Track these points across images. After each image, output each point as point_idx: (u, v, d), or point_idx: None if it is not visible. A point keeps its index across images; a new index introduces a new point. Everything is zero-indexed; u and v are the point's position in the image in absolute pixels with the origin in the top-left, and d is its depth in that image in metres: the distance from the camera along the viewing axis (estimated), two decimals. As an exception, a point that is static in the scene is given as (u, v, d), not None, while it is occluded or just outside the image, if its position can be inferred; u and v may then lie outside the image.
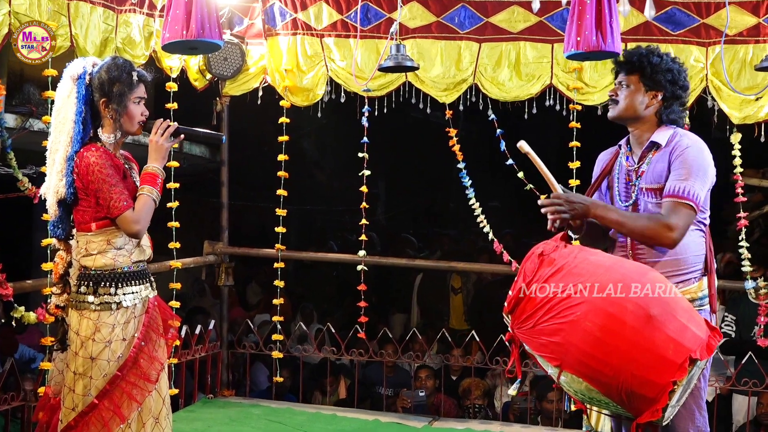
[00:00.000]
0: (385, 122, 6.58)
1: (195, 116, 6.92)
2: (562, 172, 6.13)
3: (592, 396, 3.30)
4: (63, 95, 3.78)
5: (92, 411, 3.70)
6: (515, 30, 6.16)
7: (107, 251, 3.76)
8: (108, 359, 3.71)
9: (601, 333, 3.19)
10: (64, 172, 3.71)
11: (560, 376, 3.29)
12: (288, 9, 6.52)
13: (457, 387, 7.54)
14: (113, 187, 3.68)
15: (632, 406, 3.23)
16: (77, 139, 3.71)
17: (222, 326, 7.15)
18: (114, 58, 3.87)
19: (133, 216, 3.69)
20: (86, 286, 3.75)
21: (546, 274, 3.37)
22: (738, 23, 5.77)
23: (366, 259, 6.67)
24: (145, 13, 5.73)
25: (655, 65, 3.74)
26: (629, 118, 3.83)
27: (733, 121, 5.87)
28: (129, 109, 3.79)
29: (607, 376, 3.19)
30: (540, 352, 3.33)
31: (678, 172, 3.61)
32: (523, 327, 3.36)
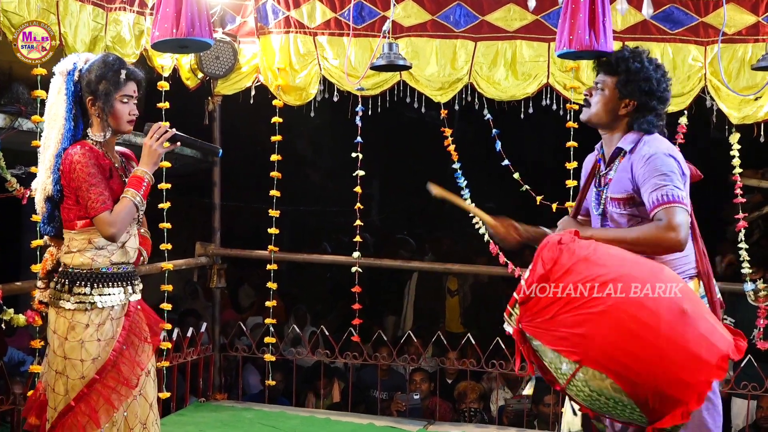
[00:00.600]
0: (380, 122, 6.51)
1: (187, 116, 6.83)
2: (559, 172, 6.10)
3: (610, 396, 3.08)
4: (54, 91, 3.75)
5: (69, 413, 3.65)
6: (511, 28, 6.09)
7: (87, 250, 3.72)
8: (82, 359, 3.66)
9: (635, 325, 3.02)
10: (52, 168, 3.68)
11: (577, 373, 3.08)
12: (280, 7, 6.45)
13: (453, 390, 7.48)
14: (92, 187, 3.63)
15: (655, 408, 3.05)
16: (67, 136, 3.68)
17: (214, 329, 7.08)
18: (105, 55, 3.82)
19: (110, 218, 3.63)
20: (62, 284, 3.73)
21: (567, 263, 3.18)
22: (737, 22, 5.72)
23: (361, 260, 6.60)
24: (135, 11, 5.66)
25: (633, 72, 3.63)
26: (599, 124, 3.74)
27: (732, 121, 5.82)
28: (115, 108, 3.73)
29: (637, 373, 3.01)
30: (557, 345, 3.11)
31: (652, 182, 3.46)
32: (538, 319, 3.16)
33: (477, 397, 7.18)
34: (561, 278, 3.15)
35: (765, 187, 8.24)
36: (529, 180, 6.19)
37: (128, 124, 3.78)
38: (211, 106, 6.83)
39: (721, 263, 8.22)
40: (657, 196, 3.42)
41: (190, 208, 9.16)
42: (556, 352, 3.12)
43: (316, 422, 6.41)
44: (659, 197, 3.42)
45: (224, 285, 7.18)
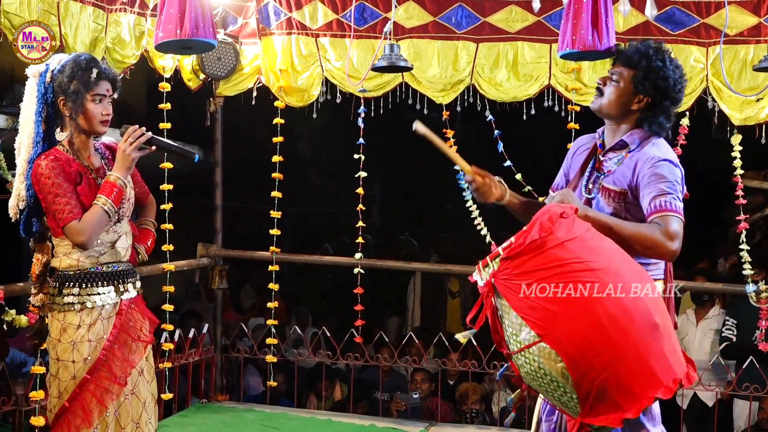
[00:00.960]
0: (381, 123, 6.50)
1: (188, 117, 6.85)
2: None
3: (554, 378, 3.02)
4: (27, 93, 3.71)
5: (64, 414, 3.65)
6: (513, 30, 6.09)
7: (72, 253, 3.70)
8: (74, 360, 3.65)
9: (608, 322, 2.96)
10: (24, 174, 3.66)
11: (533, 346, 3.01)
12: (282, 8, 6.45)
13: (454, 391, 7.48)
14: (58, 197, 3.59)
15: (593, 405, 3.01)
16: (37, 140, 3.65)
17: (216, 330, 7.08)
18: (77, 55, 3.75)
19: (78, 227, 3.59)
20: (53, 287, 3.72)
21: (562, 237, 3.08)
22: (738, 23, 5.72)
23: (363, 261, 6.60)
24: (136, 12, 5.65)
25: (653, 69, 3.54)
26: (608, 115, 3.65)
27: (734, 123, 5.81)
28: (86, 108, 3.67)
29: (591, 367, 2.96)
30: (525, 313, 3.02)
31: (657, 187, 3.40)
32: (515, 280, 3.06)
33: (478, 399, 7.17)
34: (552, 249, 3.06)
35: (766, 188, 8.23)
36: (531, 181, 6.19)
37: (101, 124, 3.72)
38: (213, 108, 6.83)
39: (725, 264, 8.21)
40: (660, 202, 3.36)
41: (191, 209, 9.15)
42: (521, 318, 3.05)
43: (317, 423, 6.40)
44: (662, 203, 3.36)
45: (226, 286, 7.18)
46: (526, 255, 3.07)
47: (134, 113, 8.27)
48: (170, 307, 6.19)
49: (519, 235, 3.11)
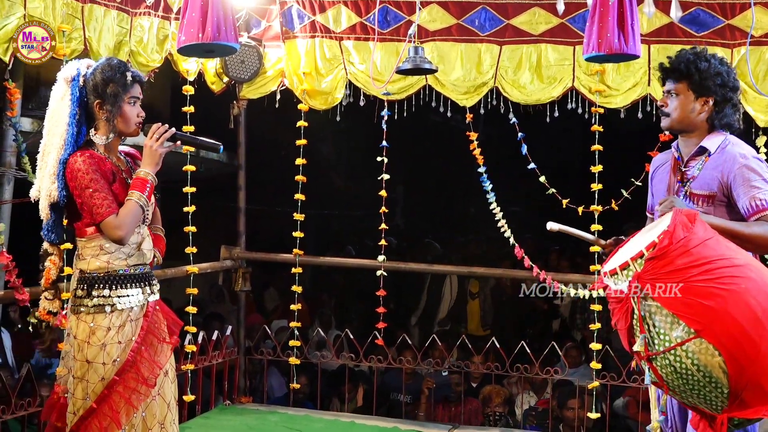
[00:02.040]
0: (405, 126, 6.50)
1: (212, 120, 6.87)
2: (585, 176, 6.07)
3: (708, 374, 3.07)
4: (57, 97, 3.75)
5: (91, 416, 3.66)
6: (536, 32, 6.08)
7: (101, 255, 3.73)
8: (104, 362, 3.68)
9: (761, 313, 3.06)
10: (56, 175, 3.67)
11: (689, 342, 3.07)
12: (306, 11, 6.46)
13: (477, 394, 7.46)
14: (96, 193, 3.64)
15: (744, 397, 3.09)
16: (71, 141, 3.68)
17: (239, 332, 7.10)
18: (108, 59, 3.82)
19: (116, 222, 3.65)
20: (81, 289, 3.73)
21: (702, 236, 3.19)
22: (764, 24, 5.68)
23: (386, 264, 6.60)
24: (160, 15, 5.68)
25: (703, 71, 3.72)
26: (681, 128, 3.82)
27: (759, 124, 5.78)
28: (123, 110, 3.75)
29: (749, 359, 3.03)
30: (678, 310, 3.09)
31: (750, 185, 3.61)
32: (666, 279, 3.12)
33: (502, 401, 7.16)
34: (696, 248, 3.15)
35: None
36: (555, 183, 6.17)
37: (136, 126, 3.80)
38: (236, 110, 6.85)
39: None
40: (759, 202, 3.59)
41: (215, 212, 9.19)
42: (676, 316, 3.10)
43: (340, 426, 6.41)
44: (762, 202, 3.58)
45: (249, 288, 7.20)
46: (673, 254, 3.14)
47: (158, 116, 8.28)
48: (194, 309, 6.22)
49: (662, 235, 3.17)
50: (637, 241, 3.39)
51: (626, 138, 7.00)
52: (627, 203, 5.91)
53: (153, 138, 3.78)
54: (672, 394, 3.28)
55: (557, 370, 6.41)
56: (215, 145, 4.01)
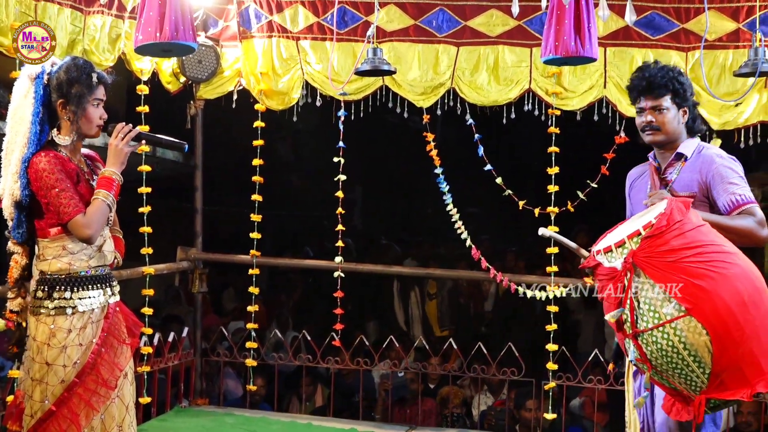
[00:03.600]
0: (362, 127, 6.50)
1: (168, 120, 6.81)
2: (542, 177, 6.10)
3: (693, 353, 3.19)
4: (20, 94, 3.72)
5: (49, 418, 3.63)
6: (493, 34, 6.10)
7: (63, 256, 3.72)
8: (64, 365, 3.66)
9: (748, 299, 3.21)
10: (19, 173, 3.64)
11: (679, 320, 3.19)
12: (263, 11, 6.43)
13: (435, 395, 7.47)
14: (62, 192, 3.63)
15: (723, 379, 3.22)
16: (33, 140, 3.66)
17: (196, 333, 7.05)
18: (74, 59, 3.81)
19: (84, 220, 3.64)
20: (42, 290, 3.71)
21: (696, 222, 3.38)
22: (718, 28, 5.75)
23: (343, 265, 6.59)
24: (113, 14, 5.62)
25: (684, 84, 4.04)
26: (671, 140, 4.06)
27: (713, 127, 5.83)
28: (87, 112, 3.75)
29: (733, 342, 3.17)
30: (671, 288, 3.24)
31: (728, 183, 3.88)
32: (659, 258, 3.26)
33: (460, 402, 7.18)
34: (690, 231, 3.31)
35: (745, 192, 8.28)
36: (512, 185, 6.19)
37: (97, 128, 3.79)
38: (193, 111, 6.80)
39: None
40: (738, 197, 3.85)
41: (171, 213, 9.13)
42: (667, 293, 3.22)
43: (297, 427, 6.38)
44: (741, 198, 3.85)
45: (206, 289, 7.15)
46: (669, 234, 3.30)
47: (114, 115, 8.19)
48: (149, 310, 6.16)
49: (660, 216, 3.33)
50: (629, 225, 3.53)
51: (583, 140, 7.06)
52: (582, 205, 5.94)
53: (118, 137, 3.78)
54: (653, 373, 3.37)
55: (513, 370, 6.44)
56: (180, 144, 4.05)
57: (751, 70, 4.49)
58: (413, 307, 9.87)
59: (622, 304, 3.31)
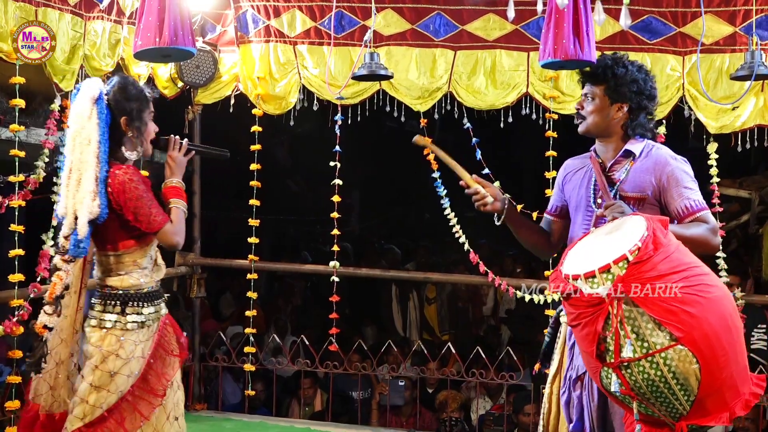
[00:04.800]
0: (360, 131, 6.50)
1: (166, 125, 6.79)
2: (540, 181, 6.11)
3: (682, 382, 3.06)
4: (84, 116, 3.75)
5: (99, 423, 3.72)
6: (491, 38, 6.11)
7: (133, 271, 3.81)
8: (128, 375, 3.75)
9: (731, 322, 3.12)
10: (97, 192, 3.68)
11: (670, 349, 3.04)
12: (261, 16, 6.44)
13: (434, 400, 7.47)
14: (150, 202, 3.73)
15: (706, 405, 3.11)
16: (104, 159, 3.72)
17: (194, 339, 7.05)
18: (124, 77, 3.91)
19: (173, 228, 3.77)
20: (112, 306, 3.78)
21: (675, 242, 3.22)
22: (714, 32, 5.76)
23: (339, 270, 6.59)
24: (112, 20, 5.63)
25: (619, 77, 3.76)
26: (597, 132, 3.84)
27: (710, 131, 5.85)
28: (148, 126, 3.88)
29: (719, 367, 3.06)
30: (662, 316, 3.05)
31: (679, 191, 3.66)
32: (651, 283, 3.07)
33: (458, 407, 7.17)
34: (674, 254, 3.16)
35: (742, 196, 8.29)
36: (510, 189, 6.18)
37: (152, 140, 3.94)
38: (191, 115, 6.81)
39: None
40: (691, 203, 3.63)
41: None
42: (658, 322, 3.07)
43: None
44: (694, 204, 3.64)
45: (204, 294, 7.16)
46: (655, 259, 3.12)
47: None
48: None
49: (646, 240, 3.13)
50: (600, 244, 3.34)
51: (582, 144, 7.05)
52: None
53: (176, 149, 3.95)
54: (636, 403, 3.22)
55: (512, 375, 6.44)
56: (223, 153, 4.21)
57: (747, 73, 4.52)
58: (411, 311, 9.88)
59: (608, 333, 3.13)
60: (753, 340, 6.81)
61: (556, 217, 4.15)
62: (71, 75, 5.30)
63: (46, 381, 3.86)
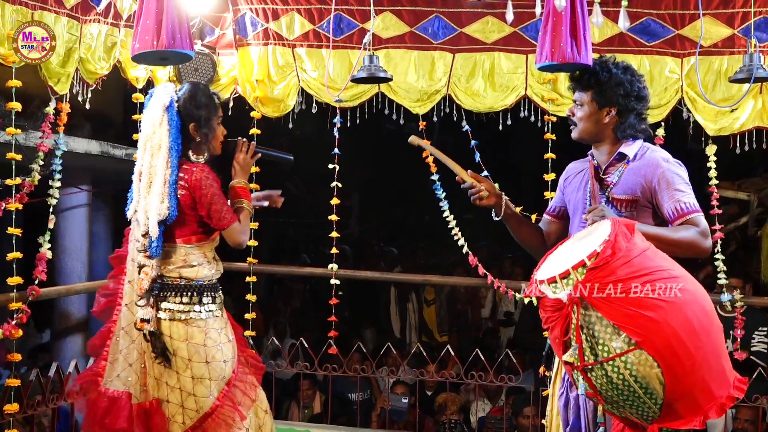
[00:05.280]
0: (359, 134, 6.50)
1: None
2: (539, 184, 6.11)
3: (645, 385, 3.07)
4: (155, 122, 4.00)
5: (215, 412, 3.96)
6: (489, 40, 6.10)
7: (204, 263, 4.07)
8: (224, 360, 4.01)
9: (697, 324, 3.08)
10: (166, 194, 3.92)
11: (629, 354, 3.05)
12: (259, 19, 6.44)
13: (433, 402, 7.46)
14: (222, 201, 3.97)
15: (676, 409, 3.11)
16: (174, 163, 3.95)
17: (192, 341, 7.03)
18: (194, 84, 4.13)
19: (240, 227, 4.00)
20: (189, 296, 4.02)
21: (641, 246, 3.21)
22: (713, 34, 5.75)
23: (338, 272, 6.59)
24: (109, 23, 5.62)
25: (603, 82, 3.79)
26: (589, 138, 3.89)
27: (709, 133, 5.85)
28: (216, 131, 4.09)
29: (685, 371, 3.05)
30: (620, 321, 3.05)
31: (674, 189, 3.66)
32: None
33: (457, 409, 7.17)
34: (636, 258, 3.15)
35: (741, 198, 8.29)
36: (509, 191, 6.18)
37: (220, 144, 4.15)
38: (190, 118, 6.80)
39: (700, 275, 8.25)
40: (683, 205, 3.64)
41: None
42: (617, 327, 3.08)
43: (295, 435, 6.39)
44: (686, 206, 3.63)
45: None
46: (615, 264, 3.12)
47: (112, 124, 8.23)
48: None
49: (605, 244, 3.14)
50: (571, 249, 3.37)
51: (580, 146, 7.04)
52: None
53: (243, 152, 4.14)
54: (605, 405, 3.26)
55: (511, 377, 6.44)
56: (288, 158, 4.36)
57: (746, 75, 4.51)
58: (410, 313, 9.88)
59: (570, 337, 3.16)
60: (753, 342, 6.80)
61: (555, 218, 4.20)
62: (66, 78, 5.30)
63: (135, 372, 4.07)
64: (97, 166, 7.59)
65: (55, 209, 5.45)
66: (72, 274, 7.98)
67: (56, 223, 5.64)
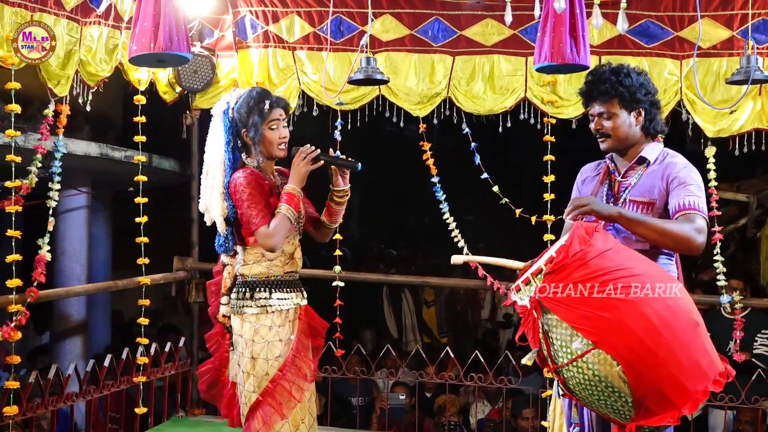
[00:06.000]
0: (359, 136, 6.50)
1: (164, 129, 6.82)
2: (539, 185, 6.11)
3: (610, 384, 3.14)
4: (216, 126, 4.18)
5: (257, 407, 4.04)
6: (489, 43, 6.11)
7: (261, 261, 4.14)
8: (267, 358, 4.06)
9: (657, 321, 3.13)
10: (223, 194, 4.10)
11: (588, 354, 3.14)
12: (259, 21, 6.45)
13: (432, 404, 7.46)
14: (252, 205, 4.00)
15: (648, 406, 3.15)
16: (228, 165, 4.11)
17: (192, 343, 7.05)
18: (251, 90, 4.20)
19: (267, 231, 3.98)
20: (243, 292, 4.13)
21: (601, 248, 3.27)
22: (712, 36, 5.77)
23: (341, 274, 6.59)
24: (110, 25, 5.62)
25: (629, 86, 3.77)
26: (623, 147, 3.85)
27: (708, 135, 5.86)
28: (265, 136, 4.11)
29: (647, 367, 3.10)
30: (578, 323, 3.15)
31: (684, 190, 3.67)
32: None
33: (457, 411, 7.17)
34: (593, 260, 3.22)
35: (740, 199, 8.29)
36: (508, 193, 6.20)
37: (279, 148, 4.17)
38: (189, 120, 6.81)
39: (704, 277, 8.24)
40: (686, 202, 3.64)
41: (167, 222, 9.12)
42: (574, 329, 3.16)
43: (295, 437, 6.36)
44: (688, 203, 3.63)
45: (202, 299, 7.13)
46: (569, 268, 3.22)
47: (112, 126, 8.24)
48: (145, 320, 6.15)
49: (559, 250, 3.25)
50: (546, 255, 3.44)
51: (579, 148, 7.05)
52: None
53: (300, 158, 4.15)
54: (584, 405, 3.36)
55: (510, 379, 6.43)
56: (354, 164, 4.41)
57: (743, 77, 4.51)
58: (406, 314, 9.87)
59: (537, 341, 3.28)
60: (756, 345, 6.79)
61: None
62: (66, 80, 5.30)
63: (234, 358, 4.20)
64: (96, 168, 7.59)
65: (54, 211, 5.44)
66: (71, 276, 7.98)
67: (55, 226, 5.62)
